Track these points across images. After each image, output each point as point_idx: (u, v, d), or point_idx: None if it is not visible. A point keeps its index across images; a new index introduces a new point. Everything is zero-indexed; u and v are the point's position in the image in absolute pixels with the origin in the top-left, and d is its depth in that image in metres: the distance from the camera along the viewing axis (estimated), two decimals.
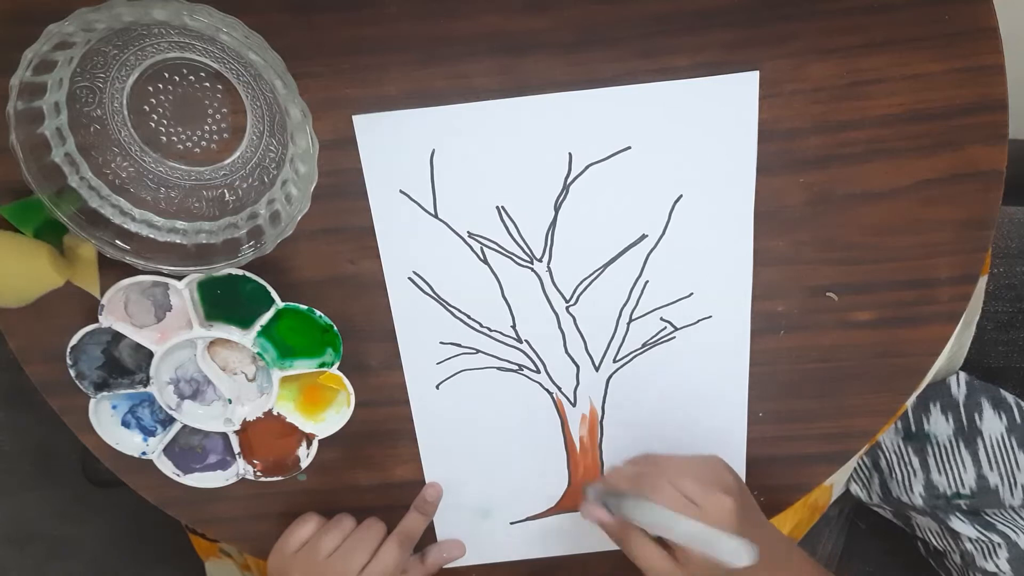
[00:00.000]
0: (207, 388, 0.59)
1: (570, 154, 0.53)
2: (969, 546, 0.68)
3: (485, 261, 0.56)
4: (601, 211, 0.54)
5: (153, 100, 0.50)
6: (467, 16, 0.49)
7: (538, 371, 0.60)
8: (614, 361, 0.60)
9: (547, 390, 0.61)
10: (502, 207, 0.54)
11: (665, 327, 0.58)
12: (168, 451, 0.60)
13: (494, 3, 0.49)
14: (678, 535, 0.47)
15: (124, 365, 0.58)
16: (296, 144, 0.46)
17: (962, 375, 0.68)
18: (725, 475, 0.53)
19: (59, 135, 0.47)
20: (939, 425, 0.68)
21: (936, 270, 0.55)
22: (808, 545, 0.75)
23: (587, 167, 0.53)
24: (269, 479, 0.61)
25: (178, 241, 0.51)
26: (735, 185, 0.53)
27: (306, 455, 0.60)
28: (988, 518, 0.69)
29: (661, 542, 0.51)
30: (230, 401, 0.58)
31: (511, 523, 0.66)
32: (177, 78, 0.49)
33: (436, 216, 0.54)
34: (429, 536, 0.66)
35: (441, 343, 0.59)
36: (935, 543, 0.73)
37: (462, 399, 0.61)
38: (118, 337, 0.56)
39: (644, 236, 0.55)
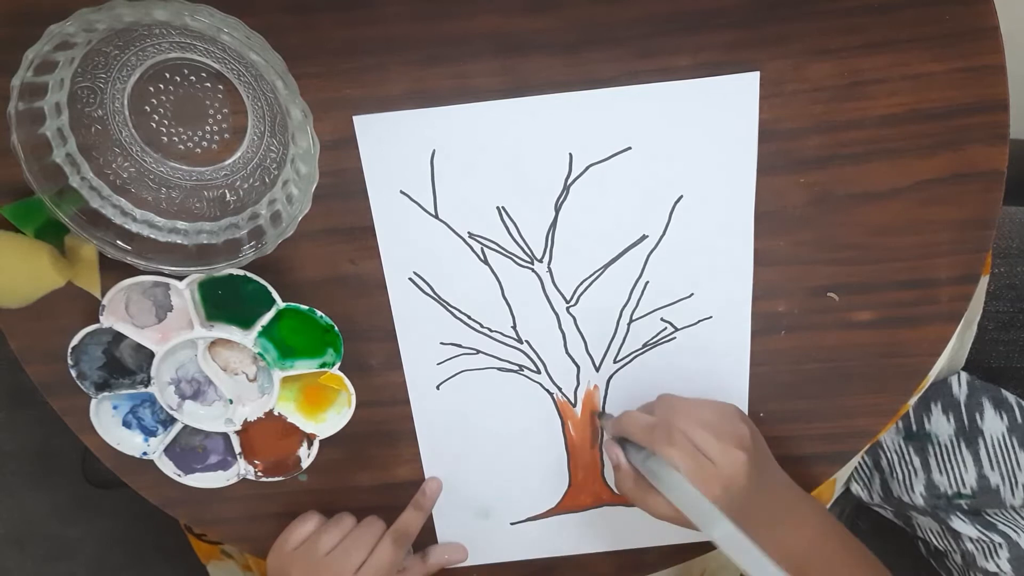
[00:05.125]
0: (208, 388, 0.59)
1: (570, 154, 0.53)
2: (970, 546, 0.68)
3: (485, 261, 0.56)
4: (601, 211, 0.54)
5: (154, 100, 0.50)
6: (467, 16, 0.49)
7: (538, 371, 0.60)
8: (614, 361, 0.59)
9: (547, 390, 0.61)
10: (502, 207, 0.54)
11: (665, 327, 0.58)
12: (169, 451, 0.60)
13: (494, 3, 0.49)
14: (677, 500, 0.47)
15: (125, 365, 0.58)
16: (297, 144, 0.46)
17: (963, 375, 0.68)
18: (740, 426, 0.51)
19: (60, 135, 0.47)
20: (940, 425, 0.68)
21: (937, 270, 0.55)
22: None
23: (587, 167, 0.53)
24: (270, 479, 0.61)
25: (179, 241, 0.51)
26: (735, 185, 0.53)
27: (307, 455, 0.60)
28: (989, 518, 0.69)
29: None
30: (231, 401, 0.58)
31: (511, 523, 0.66)
32: (178, 78, 0.49)
33: (436, 216, 0.54)
34: (430, 538, 0.66)
35: (441, 343, 0.59)
36: (936, 543, 0.73)
37: (462, 399, 0.61)
38: (119, 337, 0.56)
39: (644, 236, 0.55)
